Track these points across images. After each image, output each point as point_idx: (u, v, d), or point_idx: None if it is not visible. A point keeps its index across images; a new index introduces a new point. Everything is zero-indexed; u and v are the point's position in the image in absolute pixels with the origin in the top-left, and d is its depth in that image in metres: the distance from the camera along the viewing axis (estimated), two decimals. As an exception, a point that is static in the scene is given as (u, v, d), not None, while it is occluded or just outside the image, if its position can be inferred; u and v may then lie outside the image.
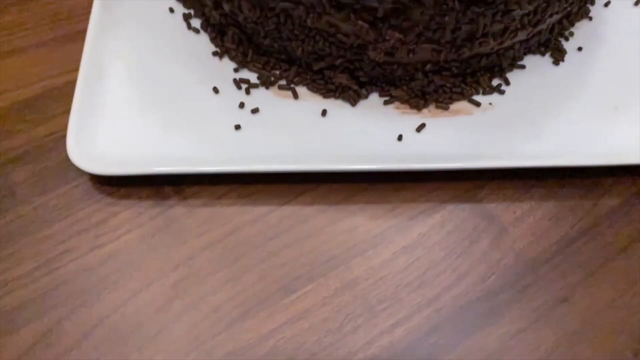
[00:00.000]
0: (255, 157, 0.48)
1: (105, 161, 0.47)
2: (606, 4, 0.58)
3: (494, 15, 0.43)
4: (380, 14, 0.43)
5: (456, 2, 0.41)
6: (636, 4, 0.58)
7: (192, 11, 0.56)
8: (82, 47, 0.53)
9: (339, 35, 0.46)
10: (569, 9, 0.51)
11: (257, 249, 0.46)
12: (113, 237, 0.47)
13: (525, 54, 0.54)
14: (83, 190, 0.49)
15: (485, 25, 0.44)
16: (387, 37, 0.45)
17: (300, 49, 0.49)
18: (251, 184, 0.49)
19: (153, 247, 0.46)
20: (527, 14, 0.46)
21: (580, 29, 0.57)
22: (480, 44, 0.46)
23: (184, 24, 0.55)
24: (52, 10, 0.59)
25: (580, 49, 0.55)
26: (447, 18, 0.43)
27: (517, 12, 0.44)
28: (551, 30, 0.53)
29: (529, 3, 0.43)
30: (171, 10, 0.56)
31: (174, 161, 0.47)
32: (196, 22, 0.55)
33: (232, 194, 0.49)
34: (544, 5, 0.45)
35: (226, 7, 0.49)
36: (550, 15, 0.48)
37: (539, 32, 0.51)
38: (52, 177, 0.49)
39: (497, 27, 0.45)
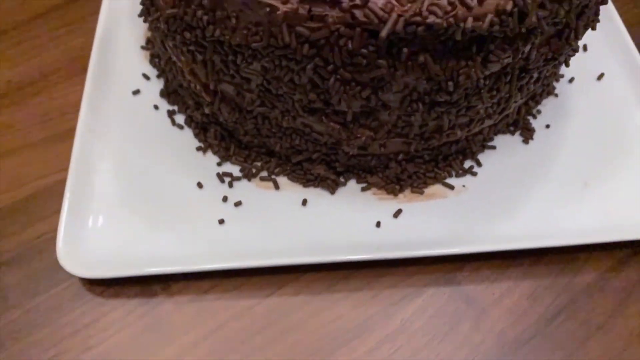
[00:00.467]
0: (239, 251, 0.50)
1: (94, 264, 0.49)
2: (570, 80, 0.61)
3: (458, 111, 0.46)
4: (349, 118, 0.45)
5: (420, 104, 0.44)
6: (599, 78, 0.61)
7: (176, 107, 0.58)
8: (71, 146, 0.55)
9: (314, 134, 0.49)
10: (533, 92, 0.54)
11: (243, 344, 0.47)
12: (103, 338, 0.48)
13: (495, 134, 0.56)
14: (73, 292, 0.50)
15: (450, 120, 0.47)
16: (358, 135, 0.47)
17: (279, 144, 0.52)
18: (236, 277, 0.50)
19: (142, 347, 0.47)
20: (491, 105, 0.48)
21: (547, 105, 0.59)
22: (448, 135, 0.49)
23: (169, 120, 0.58)
24: (42, 109, 0.62)
25: (548, 126, 0.58)
26: (413, 118, 0.45)
27: (481, 107, 0.47)
28: (518, 111, 0.55)
29: (491, 98, 0.46)
30: (156, 107, 0.59)
31: (160, 260, 0.49)
32: (180, 118, 0.58)
33: (217, 288, 0.50)
34: (507, 96, 0.48)
35: (207, 109, 0.52)
36: (515, 102, 0.51)
37: (507, 116, 0.54)
38: (42, 279, 0.51)
39: (463, 120, 0.48)
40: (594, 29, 0.49)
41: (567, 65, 0.52)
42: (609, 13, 0.65)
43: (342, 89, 0.42)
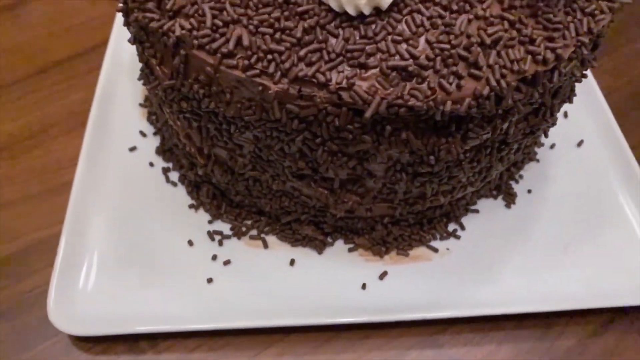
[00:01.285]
0: (226, 311, 0.51)
1: (84, 321, 0.49)
2: (552, 146, 0.63)
3: (440, 180, 0.48)
4: (336, 185, 0.47)
5: (403, 174, 0.46)
6: (579, 145, 0.64)
7: (170, 165, 0.60)
8: (67, 199, 0.57)
9: (303, 197, 0.50)
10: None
11: (227, 404, 0.48)
12: (89, 395, 0.48)
13: (478, 198, 0.58)
14: (62, 347, 0.51)
15: (433, 188, 0.49)
16: (345, 200, 0.49)
17: (269, 205, 0.53)
18: (222, 336, 0.51)
19: (127, 406, 0.48)
20: (473, 175, 0.50)
21: (529, 171, 0.61)
22: (431, 201, 0.51)
23: (163, 177, 0.60)
24: (41, 162, 0.64)
25: (529, 191, 0.60)
26: (397, 186, 0.47)
27: (463, 176, 0.49)
28: (501, 177, 0.58)
29: (472, 168, 0.48)
30: (151, 164, 0.60)
31: (149, 318, 0.50)
32: (174, 175, 0.60)
33: (203, 347, 0.51)
34: (488, 166, 0.50)
35: (200, 171, 0.53)
36: (496, 170, 0.53)
37: (489, 182, 0.56)
38: (32, 333, 0.52)
39: (446, 187, 0.50)
40: (571, 102, 0.51)
41: (546, 136, 0.55)
42: (587, 81, 0.68)
43: (329, 159, 0.44)
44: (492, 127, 0.43)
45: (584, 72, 0.47)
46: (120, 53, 0.69)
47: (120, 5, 0.47)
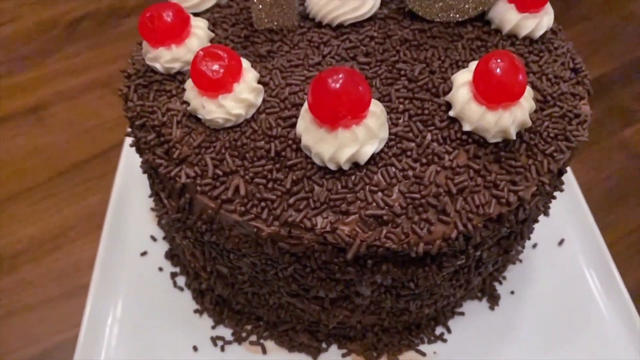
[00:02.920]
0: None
1: None
2: (534, 246, 0.68)
3: (422, 298, 0.52)
4: (327, 303, 0.52)
5: (388, 294, 0.50)
6: (560, 244, 0.68)
7: (178, 269, 0.65)
8: (84, 302, 0.62)
9: (297, 310, 0.55)
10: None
11: None
12: None
13: (464, 301, 0.62)
14: None
15: (417, 304, 0.53)
16: (336, 314, 0.53)
17: (267, 315, 0.58)
18: None
19: None
20: (453, 288, 0.54)
21: (512, 271, 0.65)
22: (417, 313, 0.55)
23: (171, 282, 0.65)
24: (59, 265, 0.69)
25: (512, 292, 0.64)
26: (383, 304, 0.51)
27: (444, 291, 0.53)
28: (484, 280, 0.62)
29: (452, 286, 0.52)
30: (160, 269, 0.66)
31: None
32: (181, 280, 0.65)
33: None
34: (467, 280, 0.54)
35: (204, 283, 0.58)
36: (476, 281, 0.57)
37: (472, 288, 0.60)
38: None
39: (429, 301, 0.54)
40: (546, 215, 0.56)
41: (523, 247, 0.59)
42: (567, 178, 0.72)
43: (319, 284, 0.49)
44: (466, 256, 0.47)
45: (553, 196, 0.52)
46: (134, 157, 0.75)
47: (131, 139, 0.53)
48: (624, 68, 0.96)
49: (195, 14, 0.56)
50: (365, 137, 0.43)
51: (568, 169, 0.75)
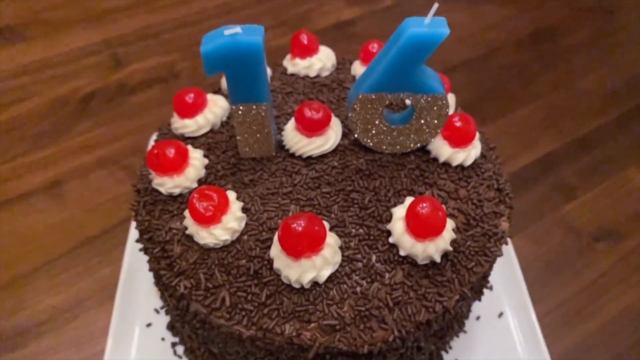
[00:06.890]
0: None
1: None
2: (477, 318, 0.80)
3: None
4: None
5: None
6: (499, 316, 0.80)
7: (177, 339, 0.78)
8: (98, 367, 0.74)
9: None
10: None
11: None
12: None
13: (415, 369, 0.75)
14: None
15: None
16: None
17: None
18: None
19: None
20: (402, 364, 0.67)
21: (457, 341, 0.78)
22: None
23: (172, 350, 0.77)
24: (77, 333, 0.81)
25: (456, 360, 0.76)
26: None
27: (392, 368, 0.65)
28: (430, 353, 0.74)
29: (399, 364, 0.65)
30: (162, 339, 0.78)
31: None
32: (180, 349, 0.77)
33: None
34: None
35: (199, 358, 0.71)
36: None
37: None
38: None
39: (381, 377, 0.67)
40: (479, 300, 0.68)
41: (461, 327, 0.72)
42: (508, 254, 0.85)
43: (291, 369, 0.61)
44: (405, 348, 0.60)
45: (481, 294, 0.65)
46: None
47: (140, 246, 0.66)
48: (570, 144, 1.09)
49: (194, 138, 0.70)
50: (322, 264, 0.56)
51: (510, 243, 0.88)
